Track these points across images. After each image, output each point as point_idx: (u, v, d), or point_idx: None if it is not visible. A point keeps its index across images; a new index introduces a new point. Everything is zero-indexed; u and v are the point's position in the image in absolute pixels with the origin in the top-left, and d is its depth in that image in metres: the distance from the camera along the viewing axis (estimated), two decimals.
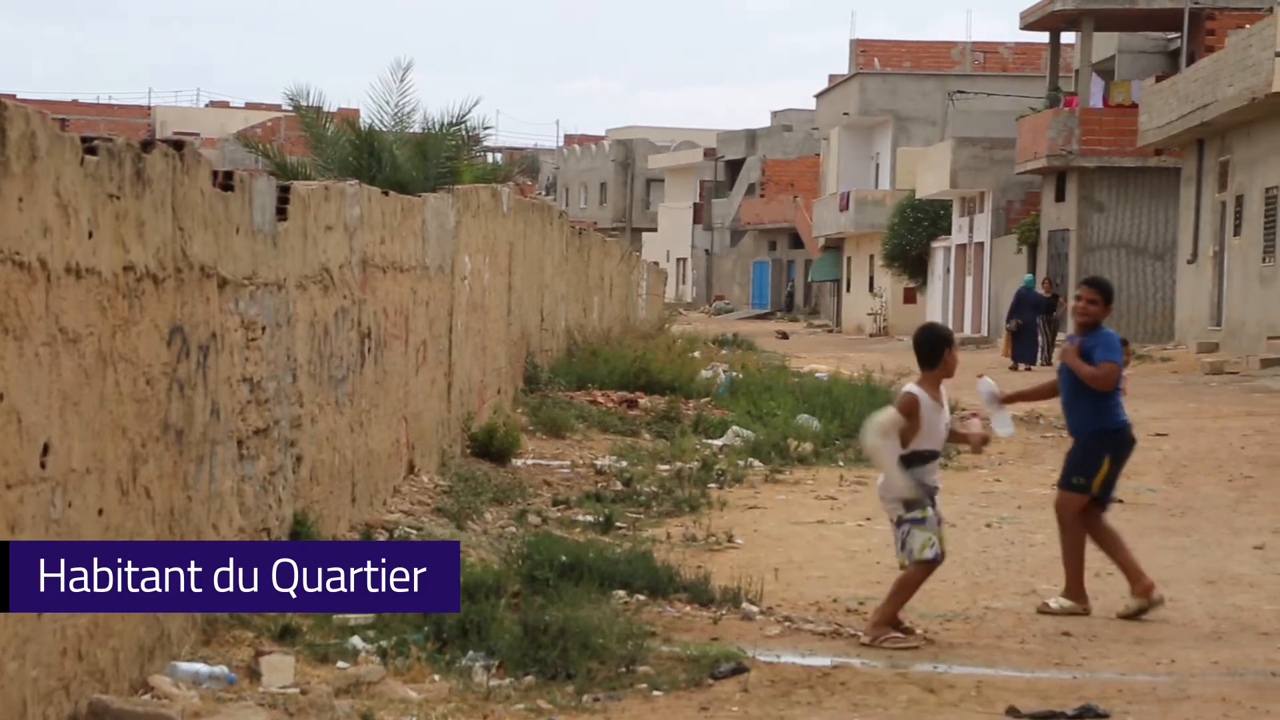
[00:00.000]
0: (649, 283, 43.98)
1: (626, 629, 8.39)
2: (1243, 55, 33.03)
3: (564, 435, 17.87)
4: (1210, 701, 7.69)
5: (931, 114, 63.48)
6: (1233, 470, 16.41)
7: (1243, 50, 33.08)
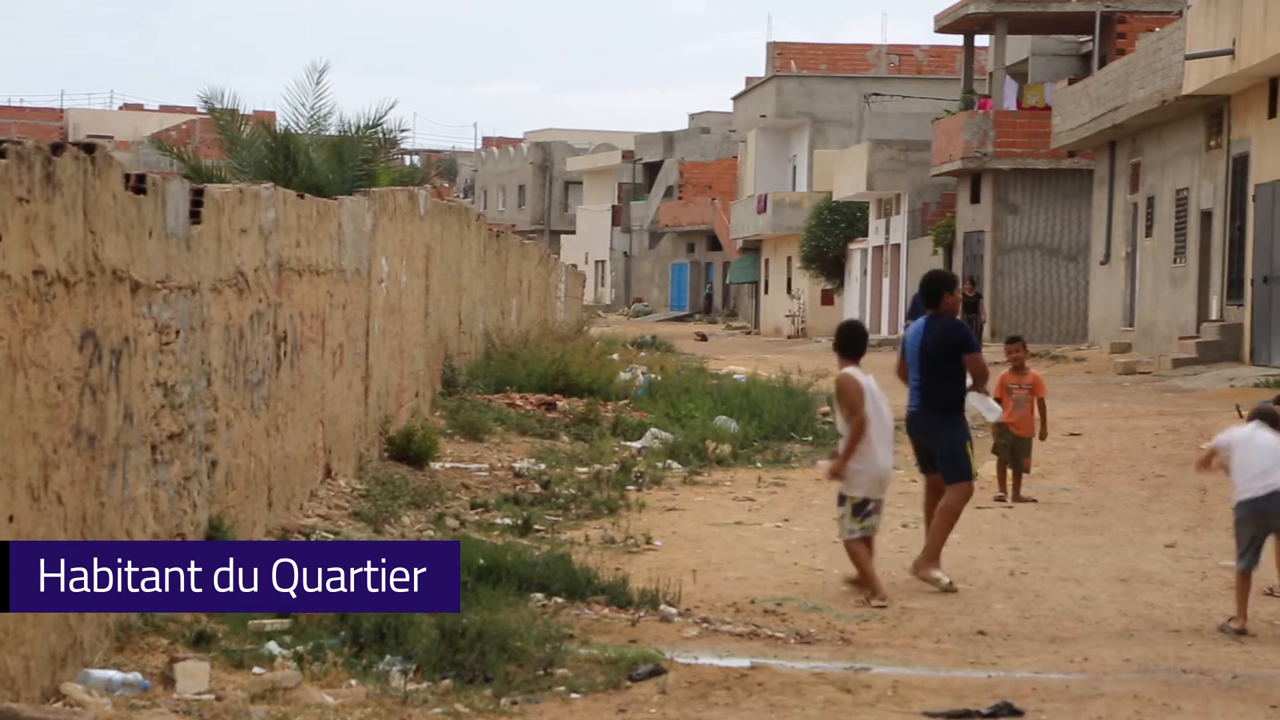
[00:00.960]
0: (568, 285, 43.97)
1: (544, 632, 8.39)
2: (1153, 58, 33.39)
3: (482, 438, 17.84)
4: (1123, 699, 7.77)
5: (848, 116, 63.81)
6: (1145, 469, 16.58)
7: (1153, 53, 33.44)
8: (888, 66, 65.47)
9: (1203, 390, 26.35)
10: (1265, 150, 29.27)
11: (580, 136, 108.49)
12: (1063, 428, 20.98)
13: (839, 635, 9.31)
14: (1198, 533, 13.27)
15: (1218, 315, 31.74)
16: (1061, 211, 44.37)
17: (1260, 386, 25.44)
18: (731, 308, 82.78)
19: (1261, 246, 29.31)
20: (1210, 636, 9.39)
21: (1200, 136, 32.92)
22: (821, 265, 60.26)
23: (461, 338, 22.28)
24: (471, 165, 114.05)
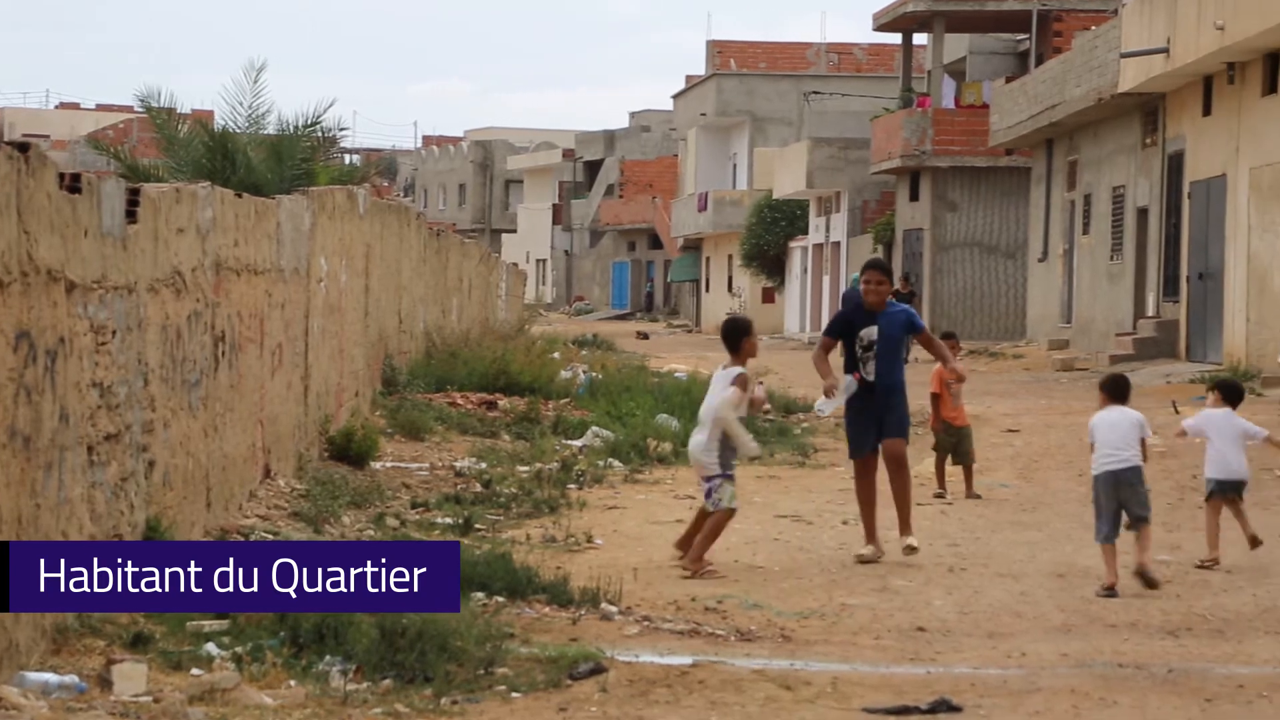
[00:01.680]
0: (508, 284, 43.91)
1: (485, 631, 8.38)
2: (1089, 56, 33.61)
3: (423, 437, 17.80)
4: (1060, 693, 7.82)
5: (788, 114, 63.97)
6: (1083, 465, 16.63)
7: (1089, 51, 33.66)
8: (827, 65, 65.68)
9: (1139, 386, 26.51)
10: (1200, 148, 29.51)
11: (521, 135, 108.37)
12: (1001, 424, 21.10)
13: (779, 632, 9.34)
14: None
15: (1154, 312, 31.98)
16: (1000, 209, 44.62)
17: (1196, 382, 25.64)
18: (673, 306, 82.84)
19: (1197, 243, 29.55)
20: (1146, 631, 9.47)
21: (1136, 134, 33.16)
22: (762, 263, 60.40)
23: (402, 337, 22.23)
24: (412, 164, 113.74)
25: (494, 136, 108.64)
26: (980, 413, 21.70)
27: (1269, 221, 26.10)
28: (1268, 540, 12.48)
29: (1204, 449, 11.88)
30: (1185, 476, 16.01)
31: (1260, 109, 26.61)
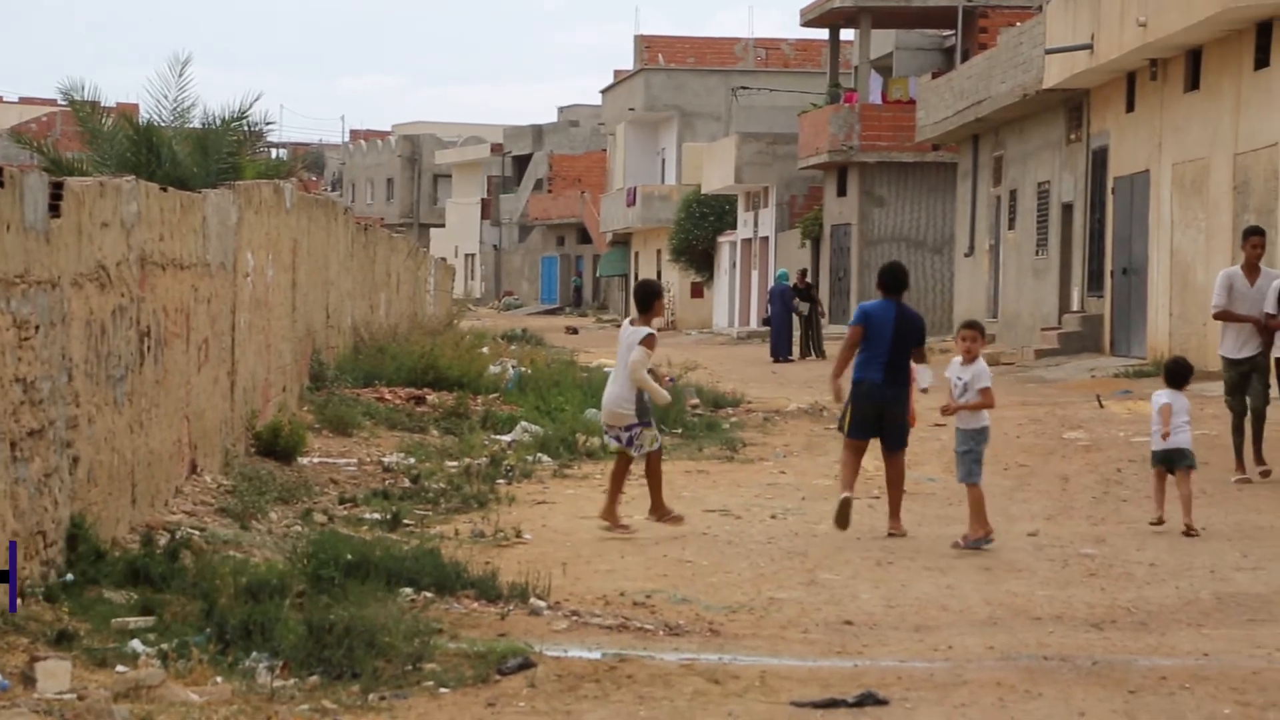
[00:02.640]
0: (437, 279, 43.80)
1: (413, 627, 8.36)
2: (1014, 53, 33.84)
3: (351, 433, 17.74)
4: (985, 686, 7.88)
5: (716, 110, 64.08)
6: (1008, 459, 16.80)
7: (1014, 48, 33.89)
8: (755, 60, 65.84)
9: (1064, 381, 26.76)
10: (1124, 143, 29.77)
11: (449, 129, 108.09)
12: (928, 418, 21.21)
13: (707, 626, 9.36)
14: (1059, 521, 13.48)
15: (1079, 307, 32.25)
16: (926, 204, 44.86)
17: (1120, 376, 25.88)
18: (602, 300, 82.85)
19: (1121, 238, 29.81)
20: (1071, 623, 9.55)
21: (1061, 130, 33.42)
22: (691, 258, 60.48)
23: (329, 332, 22.14)
24: (339, 158, 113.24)
25: (422, 131, 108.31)
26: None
27: (1191, 217, 26.36)
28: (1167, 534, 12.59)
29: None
30: (1110, 470, 16.15)
31: (1182, 105, 26.87)
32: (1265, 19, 23.64)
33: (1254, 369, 15.12)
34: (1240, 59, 24.60)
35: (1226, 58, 25.13)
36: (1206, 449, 14.39)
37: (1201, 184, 26.00)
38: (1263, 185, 23.80)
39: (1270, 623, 9.51)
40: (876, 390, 12.57)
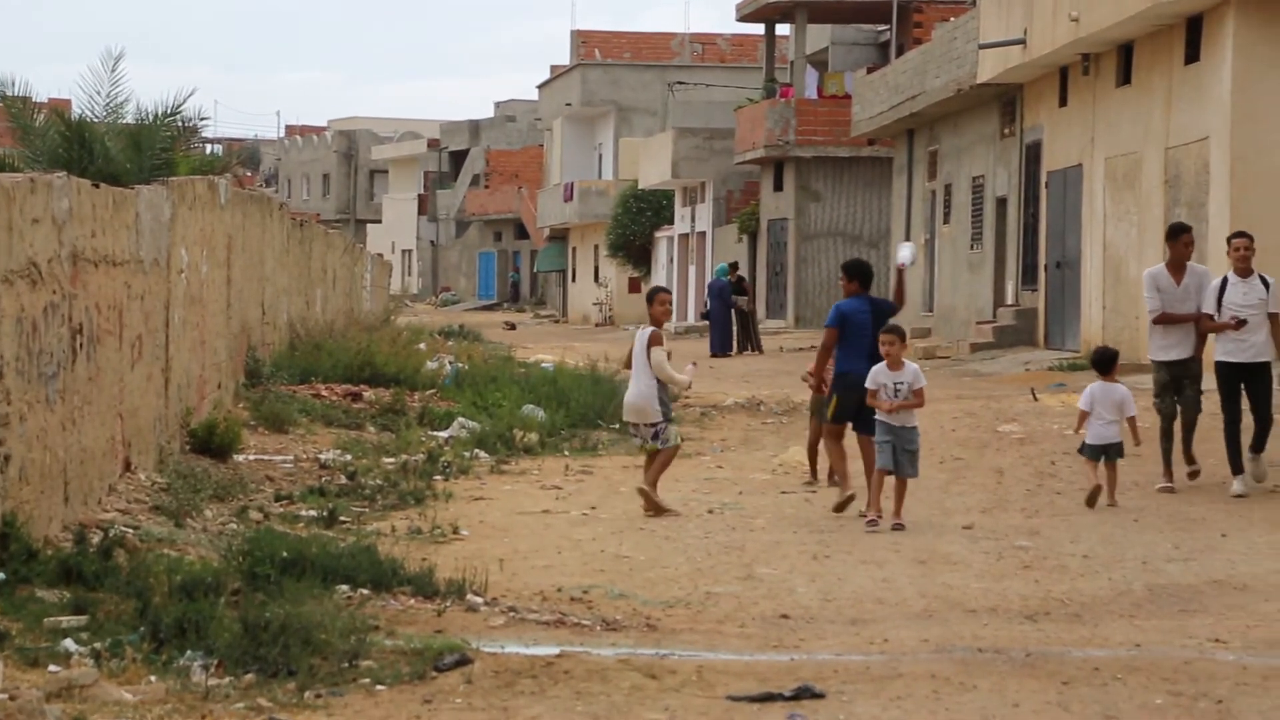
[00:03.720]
0: (374, 275, 43.66)
1: (349, 624, 8.34)
2: (948, 47, 34.00)
3: (287, 430, 17.66)
4: (920, 678, 7.92)
5: (652, 105, 64.11)
6: (944, 453, 16.89)
7: (948, 43, 34.06)
8: (691, 55, 65.92)
9: (999, 374, 26.92)
10: (1057, 138, 29.96)
11: (385, 125, 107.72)
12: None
13: (645, 621, 9.37)
14: (994, 514, 13.57)
15: (1013, 300, 32.44)
16: (863, 199, 45.01)
17: (1054, 369, 26.06)
18: (539, 296, 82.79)
19: (1054, 232, 30.01)
20: (1005, 615, 9.61)
21: (995, 125, 33.60)
22: (628, 253, 60.51)
23: (265, 328, 22.04)
24: (275, 154, 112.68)
25: (358, 126, 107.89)
26: None
27: (1123, 211, 26.56)
28: (1122, 525, 12.71)
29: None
30: (1044, 463, 16.26)
31: (1114, 99, 27.06)
32: (1195, 14, 23.84)
33: (1186, 374, 14.50)
34: (1171, 54, 24.80)
35: (1157, 52, 25.33)
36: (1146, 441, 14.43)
37: (1134, 178, 26.20)
38: (1193, 179, 24.01)
39: (1201, 613, 9.60)
40: (861, 380, 13.24)
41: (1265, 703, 7.45)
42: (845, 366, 13.63)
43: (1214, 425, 14.58)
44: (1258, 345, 14.09)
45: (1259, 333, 14.05)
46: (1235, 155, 22.76)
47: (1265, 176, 22.68)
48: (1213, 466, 14.92)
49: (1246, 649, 8.61)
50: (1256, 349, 14.10)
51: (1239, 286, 14.15)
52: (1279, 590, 10.24)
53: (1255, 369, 14.15)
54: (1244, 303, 14.07)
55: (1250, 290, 14.12)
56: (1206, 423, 14.76)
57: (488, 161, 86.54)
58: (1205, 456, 14.60)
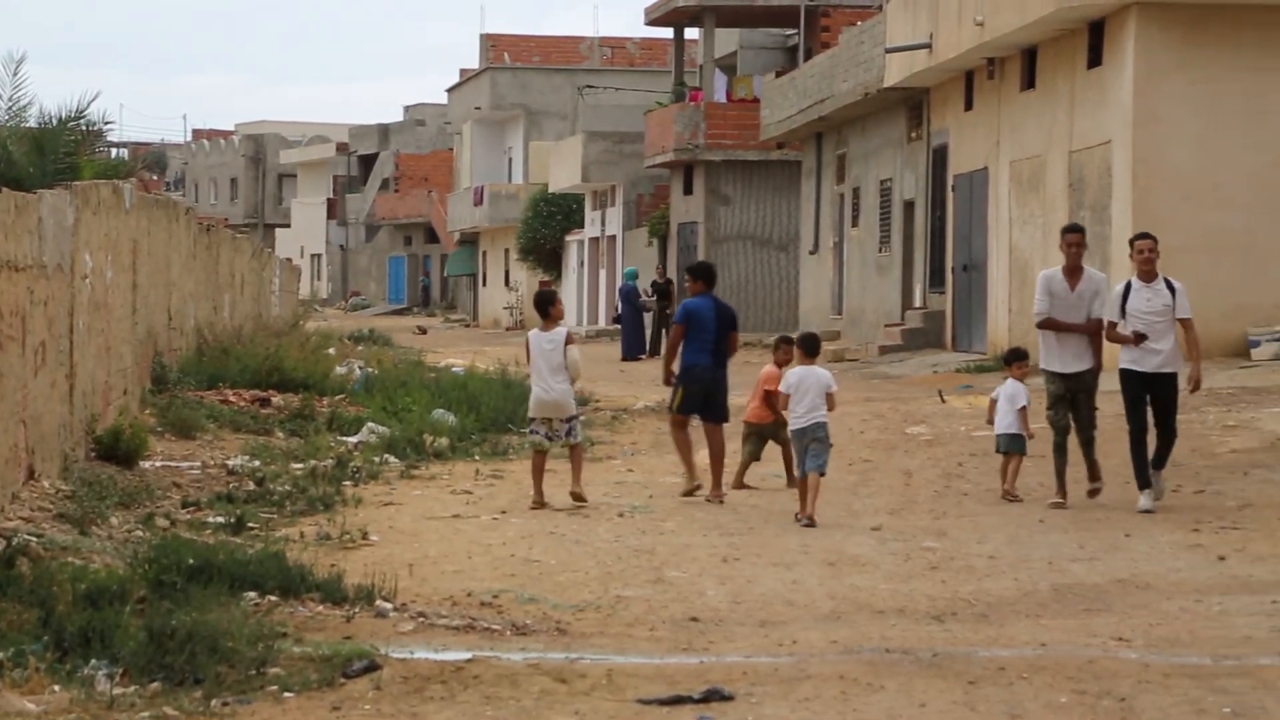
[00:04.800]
0: (282, 279, 43.40)
1: (257, 631, 8.29)
2: (856, 51, 34.20)
3: (194, 436, 17.53)
4: (829, 679, 7.97)
5: (562, 108, 64.10)
6: (852, 455, 16.99)
7: (856, 47, 34.25)
8: (600, 58, 65.95)
9: (908, 376, 27.11)
10: (963, 141, 30.21)
11: (293, 128, 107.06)
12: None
13: (555, 626, 9.38)
14: (902, 515, 13.66)
15: (921, 303, 32.67)
16: (772, 202, 45.18)
17: (961, 371, 26.27)
18: (450, 300, 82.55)
19: (961, 235, 30.25)
20: (913, 616, 9.68)
21: (902, 128, 33.84)
22: (539, 257, 60.44)
23: (172, 334, 21.86)
24: (181, 158, 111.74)
25: (266, 130, 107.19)
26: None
27: (1029, 214, 26.81)
28: (1027, 525, 12.81)
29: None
30: (951, 465, 16.39)
31: (1019, 103, 27.32)
32: (1097, 19, 24.11)
33: (1081, 387, 13.81)
34: (1074, 58, 25.07)
35: (1061, 57, 25.60)
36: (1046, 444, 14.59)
37: (1038, 181, 26.45)
38: (1097, 182, 24.27)
39: (1105, 612, 9.71)
40: (706, 373, 14.40)
41: (1166, 700, 7.55)
42: (690, 360, 14.45)
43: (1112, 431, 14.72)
44: (1164, 354, 13.37)
45: (1165, 340, 13.37)
46: (1137, 158, 23.04)
47: (1167, 179, 22.97)
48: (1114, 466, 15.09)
49: (1149, 647, 8.72)
50: (1163, 358, 13.38)
51: (1143, 292, 13.43)
52: (1181, 589, 10.38)
53: (1161, 379, 13.42)
54: (1148, 309, 13.37)
55: (1155, 296, 13.42)
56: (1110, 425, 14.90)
57: (397, 165, 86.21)
58: (1106, 457, 14.75)
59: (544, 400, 14.17)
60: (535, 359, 14.20)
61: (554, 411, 14.17)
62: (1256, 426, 16.90)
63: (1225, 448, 15.89)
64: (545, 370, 14.10)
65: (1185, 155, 23.00)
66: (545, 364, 14.10)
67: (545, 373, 14.10)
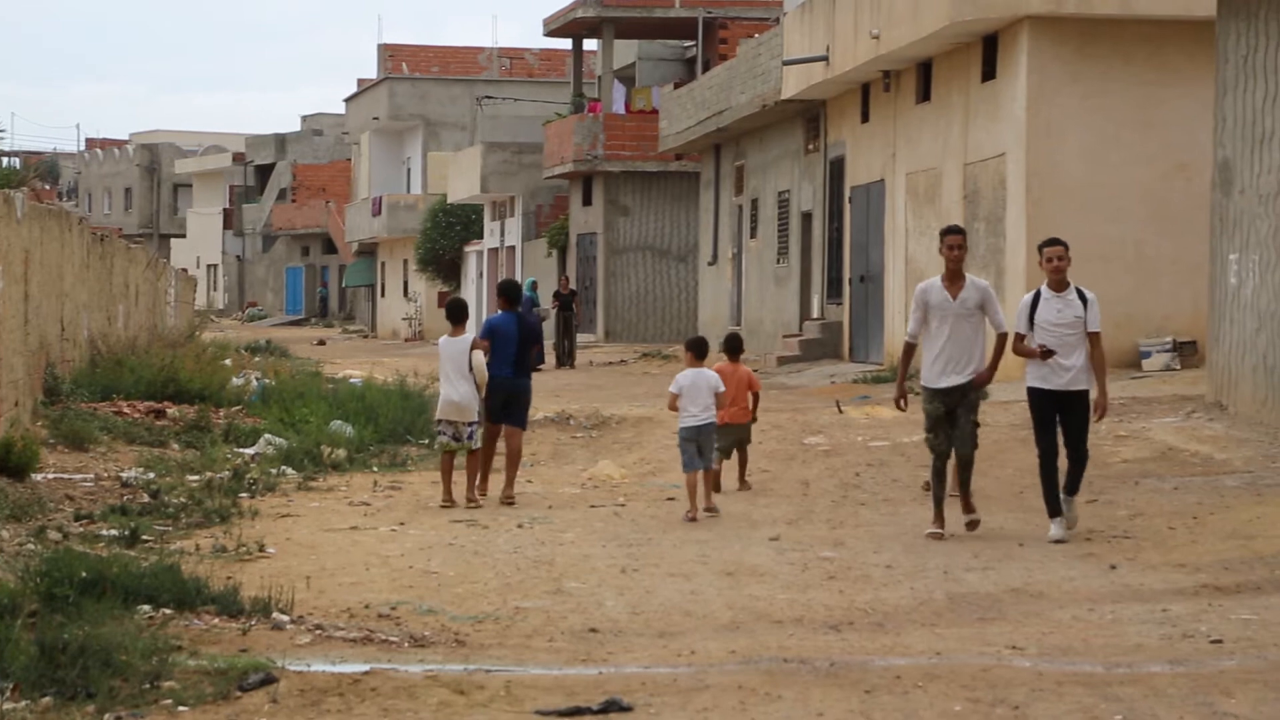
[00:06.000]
0: (178, 290, 43.01)
1: (151, 645, 8.21)
2: (753, 64, 34.38)
3: (88, 448, 17.34)
4: (727, 690, 7.99)
5: (461, 119, 63.99)
6: (751, 465, 17.04)
7: (753, 59, 34.44)
8: (499, 69, 65.90)
9: (806, 387, 27.26)
10: (859, 154, 30.44)
11: (189, 138, 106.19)
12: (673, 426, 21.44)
13: (453, 637, 9.35)
14: (800, 525, 13.73)
15: (819, 314, 32.88)
16: (671, 213, 45.32)
17: (859, 382, 26.45)
18: (348, 311, 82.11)
19: (858, 247, 30.47)
20: (811, 626, 9.74)
21: (799, 140, 34.04)
22: (438, 267, 60.29)
23: (65, 345, 21.61)
24: (75, 167, 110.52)
25: (161, 139, 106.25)
26: (653, 415, 22.04)
27: (924, 225, 27.05)
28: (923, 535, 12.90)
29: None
30: (849, 475, 16.50)
31: (915, 116, 27.56)
32: (991, 32, 24.38)
33: (962, 402, 12.67)
34: (968, 71, 25.33)
35: (955, 70, 25.85)
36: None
37: (934, 193, 26.70)
38: (991, 194, 24.53)
39: (999, 621, 9.81)
40: (508, 382, 15.37)
41: (1059, 708, 7.63)
42: (493, 372, 15.31)
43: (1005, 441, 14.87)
44: (1074, 371, 12.36)
45: (1075, 355, 12.34)
46: (1030, 171, 23.31)
47: (1060, 191, 23.26)
48: (1011, 476, 15.24)
49: (1042, 655, 8.82)
50: (1072, 375, 12.37)
51: (1053, 302, 12.39)
52: (1073, 597, 10.50)
53: (1071, 398, 12.42)
54: (1058, 321, 12.36)
55: (1066, 307, 12.38)
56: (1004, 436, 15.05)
57: (294, 175, 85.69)
58: (1003, 467, 14.89)
59: (450, 402, 14.98)
60: (443, 363, 15.07)
61: (457, 414, 14.94)
62: (1147, 437, 17.13)
63: (1117, 458, 16.09)
64: (452, 374, 14.98)
65: (1078, 167, 23.31)
66: (453, 368, 14.97)
67: (453, 376, 14.97)
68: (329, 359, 39.78)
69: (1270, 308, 17.17)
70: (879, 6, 26.64)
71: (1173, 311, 23.10)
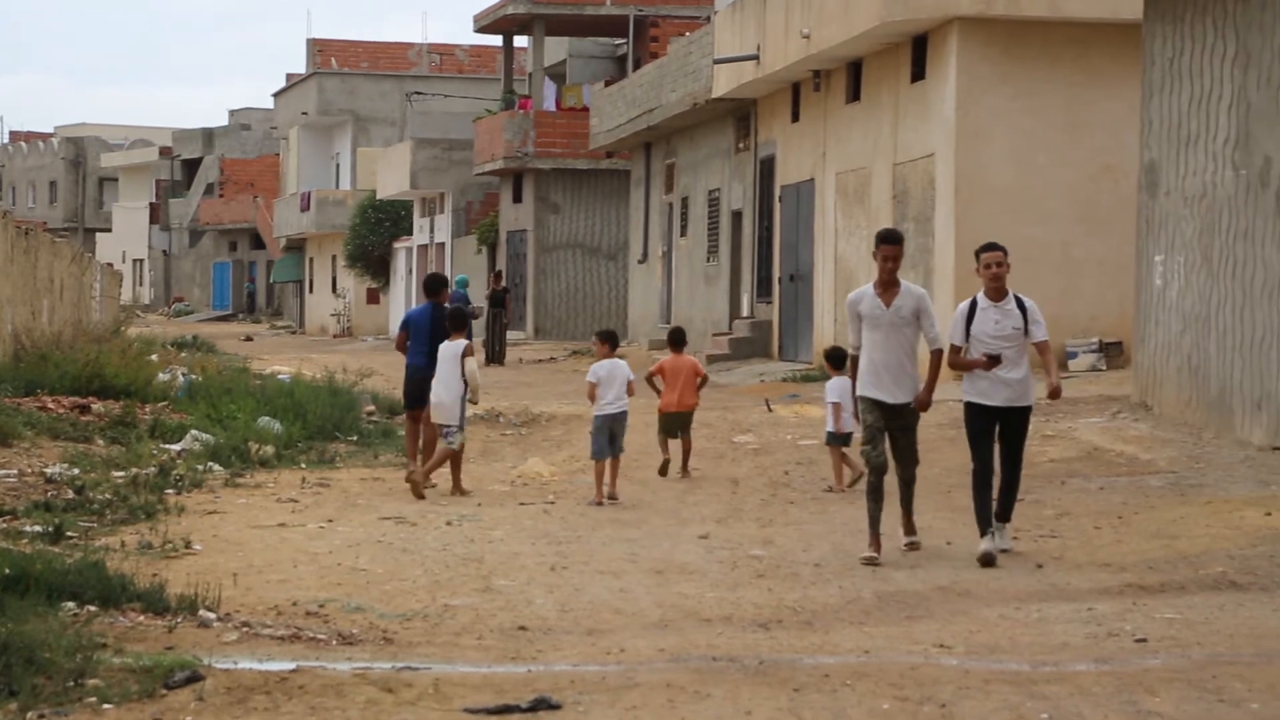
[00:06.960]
0: (103, 284, 42.67)
1: (75, 642, 8.14)
2: (684, 62, 34.42)
3: (11, 443, 17.18)
4: (656, 688, 8.00)
5: (390, 115, 63.76)
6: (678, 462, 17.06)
7: (684, 57, 34.48)
8: (429, 65, 65.68)
9: (735, 385, 27.32)
10: (789, 153, 30.52)
11: (115, 132, 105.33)
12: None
13: (382, 635, 9.32)
14: (729, 523, 13.75)
15: (749, 312, 32.95)
16: (601, 211, 45.32)
17: (788, 380, 26.53)
18: (276, 307, 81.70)
19: (788, 246, 30.56)
20: (739, 624, 9.75)
21: (730, 139, 34.10)
22: (367, 264, 60.07)
23: None
24: None
25: (87, 133, 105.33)
26: (582, 412, 22.03)
27: (854, 225, 27.16)
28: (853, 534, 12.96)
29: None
30: (778, 473, 16.54)
31: (844, 116, 27.66)
32: (920, 33, 24.50)
33: (899, 423, 11.84)
34: (898, 72, 25.44)
35: (885, 70, 25.96)
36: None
37: (863, 193, 26.80)
38: (920, 194, 24.65)
39: (927, 619, 9.85)
40: (420, 371, 16.14)
41: (986, 706, 7.67)
42: (409, 361, 16.39)
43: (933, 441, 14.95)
44: (1015, 386, 11.53)
45: (1017, 369, 11.52)
46: (959, 172, 23.45)
47: (988, 193, 23.39)
48: (939, 476, 15.32)
49: (969, 654, 8.86)
50: (1014, 390, 11.54)
51: (990, 312, 11.55)
52: (1000, 596, 10.56)
53: (1010, 415, 11.62)
54: (996, 332, 11.51)
55: (1005, 317, 11.54)
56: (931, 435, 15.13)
57: (222, 170, 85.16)
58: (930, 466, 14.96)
59: (438, 403, 15.69)
60: (440, 365, 15.71)
61: (441, 415, 15.61)
62: (1074, 436, 17.26)
63: (1044, 457, 16.20)
64: (445, 375, 15.67)
65: (1006, 168, 23.46)
66: (446, 370, 15.67)
67: (444, 378, 15.66)
68: (257, 355, 39.55)
69: (1195, 309, 17.33)
70: (810, 6, 26.72)
71: (1099, 312, 23.29)
